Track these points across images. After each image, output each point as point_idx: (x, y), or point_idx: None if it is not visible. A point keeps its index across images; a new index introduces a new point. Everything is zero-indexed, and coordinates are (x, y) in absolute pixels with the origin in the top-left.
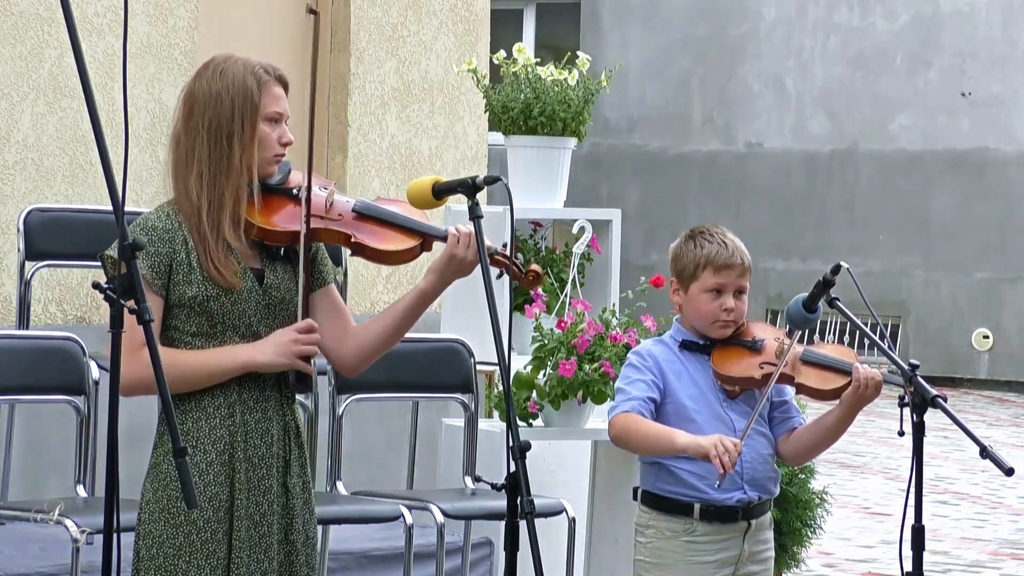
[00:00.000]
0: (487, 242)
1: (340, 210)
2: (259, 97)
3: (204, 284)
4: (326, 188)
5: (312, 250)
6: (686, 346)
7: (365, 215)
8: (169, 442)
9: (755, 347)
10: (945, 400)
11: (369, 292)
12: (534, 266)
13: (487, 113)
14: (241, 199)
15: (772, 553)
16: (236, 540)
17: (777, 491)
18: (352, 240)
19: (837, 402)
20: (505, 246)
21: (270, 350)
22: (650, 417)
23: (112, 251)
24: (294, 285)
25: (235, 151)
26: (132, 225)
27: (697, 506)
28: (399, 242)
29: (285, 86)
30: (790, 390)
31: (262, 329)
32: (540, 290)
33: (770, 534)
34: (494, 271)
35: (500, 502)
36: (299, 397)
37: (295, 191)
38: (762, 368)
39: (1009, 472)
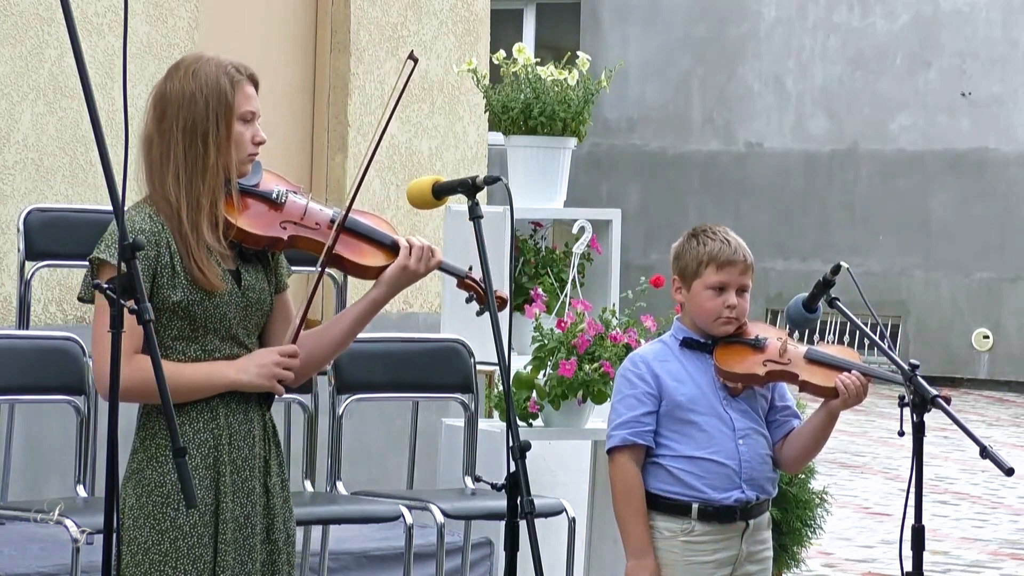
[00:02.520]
0: (452, 263)
1: (317, 219)
2: (233, 96)
3: (188, 288)
4: (297, 193)
5: (274, 256)
6: (687, 344)
7: (344, 228)
8: (152, 447)
9: (758, 345)
10: (948, 402)
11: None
12: (500, 292)
13: (487, 113)
14: (218, 200)
15: (770, 553)
16: (222, 543)
17: (775, 491)
18: (333, 251)
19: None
20: (472, 268)
21: (253, 370)
22: (650, 433)
23: (100, 254)
24: (267, 286)
25: (210, 151)
26: (113, 223)
27: (695, 506)
28: (376, 258)
29: (256, 85)
30: (792, 391)
31: (240, 331)
32: (540, 290)
33: (768, 534)
34: (463, 294)
35: (500, 502)
36: (296, 396)
37: (275, 195)
38: (766, 366)
39: (1009, 472)
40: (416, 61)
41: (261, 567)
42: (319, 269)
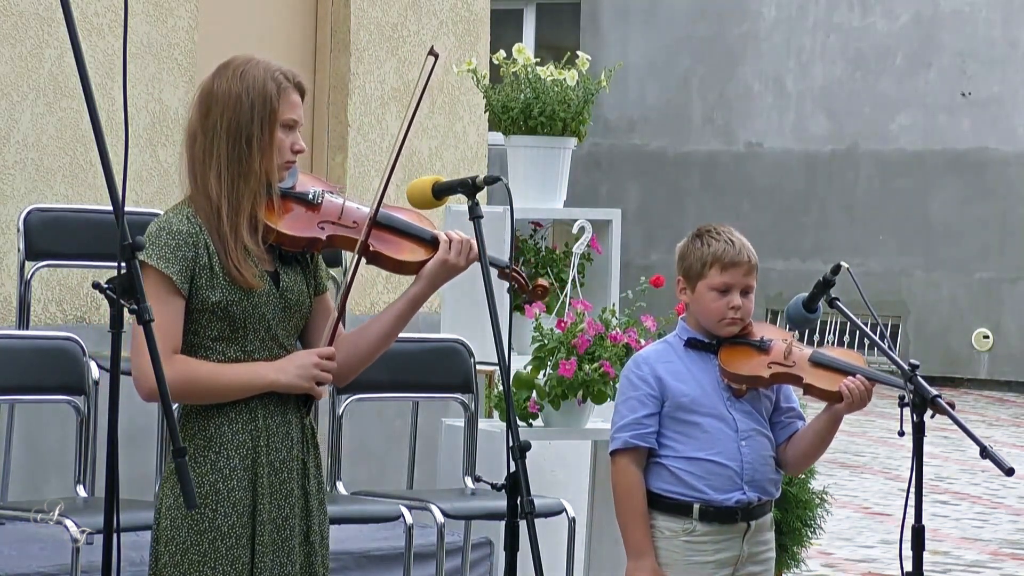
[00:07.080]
0: (490, 253)
1: (354, 218)
2: (278, 102)
3: (227, 288)
4: (333, 193)
5: (312, 257)
6: (692, 344)
7: (380, 224)
8: (191, 448)
9: (763, 347)
10: (952, 407)
11: (369, 292)
12: (541, 280)
13: (487, 113)
14: (259, 203)
15: (773, 554)
16: (259, 544)
17: (778, 493)
18: (370, 249)
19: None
20: (512, 260)
21: (292, 371)
22: (652, 435)
23: (145, 257)
24: (307, 288)
25: (254, 155)
26: (153, 225)
27: (696, 506)
28: (415, 253)
29: (302, 93)
30: (795, 393)
31: (279, 331)
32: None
33: (770, 535)
34: (463, 294)
35: (500, 502)
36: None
37: (311, 196)
38: (770, 368)
39: (1009, 472)
40: (437, 56)
41: (300, 570)
42: (352, 267)
